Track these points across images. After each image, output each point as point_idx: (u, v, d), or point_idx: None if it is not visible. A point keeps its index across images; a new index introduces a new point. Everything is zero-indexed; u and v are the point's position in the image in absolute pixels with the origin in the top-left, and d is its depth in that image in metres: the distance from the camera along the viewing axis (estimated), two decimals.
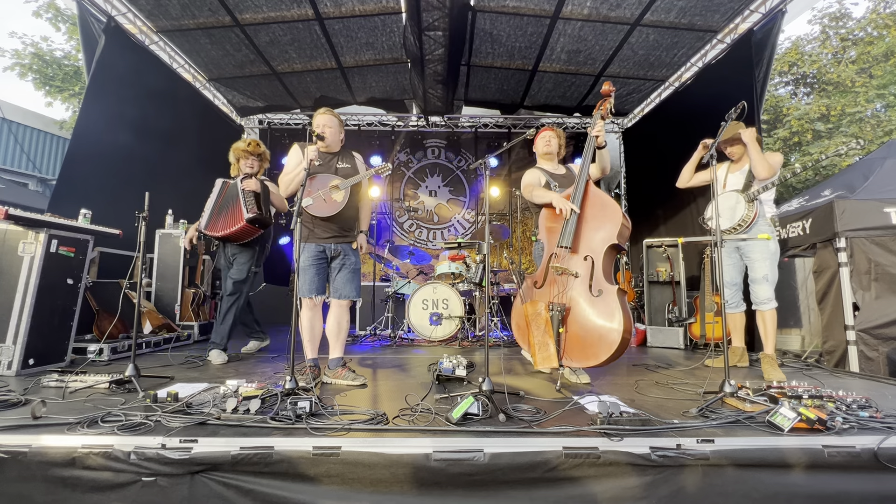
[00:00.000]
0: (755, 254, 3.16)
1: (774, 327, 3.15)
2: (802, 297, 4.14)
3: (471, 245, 4.96)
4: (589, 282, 2.54)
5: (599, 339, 2.45)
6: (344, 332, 2.87)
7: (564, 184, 3.02)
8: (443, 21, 4.35)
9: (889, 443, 1.66)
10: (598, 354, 2.45)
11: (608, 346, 2.42)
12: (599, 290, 2.50)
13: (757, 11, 4.53)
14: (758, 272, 3.14)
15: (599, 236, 2.61)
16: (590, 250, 2.61)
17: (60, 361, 3.04)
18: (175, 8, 4.62)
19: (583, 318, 2.53)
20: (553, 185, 3.04)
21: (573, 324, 2.55)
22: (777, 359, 3.17)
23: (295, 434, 1.69)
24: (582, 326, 2.52)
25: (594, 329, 2.48)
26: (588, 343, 2.49)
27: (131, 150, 4.68)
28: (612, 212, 2.62)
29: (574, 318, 2.55)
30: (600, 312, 2.47)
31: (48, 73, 10.10)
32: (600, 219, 2.64)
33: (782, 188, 9.51)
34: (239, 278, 3.56)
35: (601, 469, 1.60)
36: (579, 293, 2.56)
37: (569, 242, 2.64)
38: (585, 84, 6.13)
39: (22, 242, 2.85)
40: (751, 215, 3.11)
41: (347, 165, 2.88)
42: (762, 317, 3.18)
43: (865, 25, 10.22)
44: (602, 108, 2.82)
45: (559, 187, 3.00)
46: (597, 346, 2.46)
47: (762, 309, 3.16)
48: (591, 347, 2.47)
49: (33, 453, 1.59)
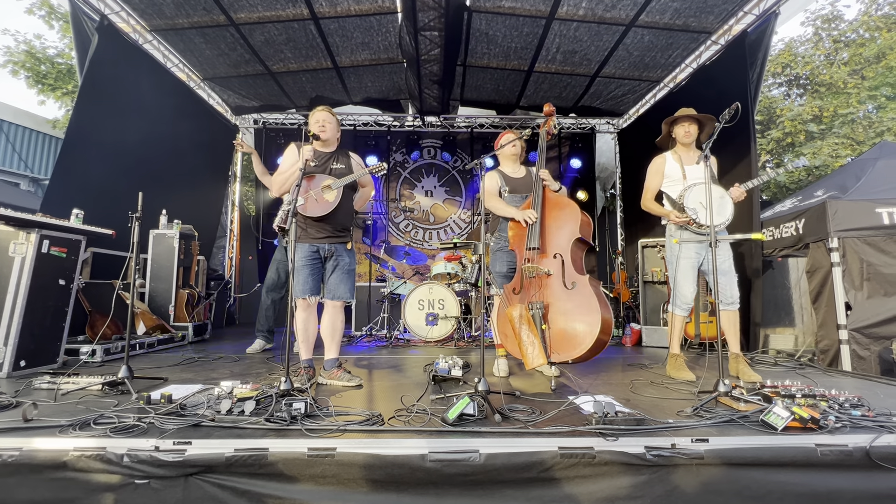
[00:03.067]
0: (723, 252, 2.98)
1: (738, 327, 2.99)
2: (796, 297, 4.17)
3: (467, 245, 4.96)
4: (562, 277, 2.69)
5: (582, 327, 2.55)
6: (339, 332, 2.86)
7: (519, 188, 3.13)
8: (438, 21, 4.35)
9: (881, 441, 1.67)
10: (583, 342, 2.53)
11: (591, 332, 2.50)
12: (573, 283, 2.63)
13: (751, 13, 4.56)
14: (726, 264, 2.96)
15: (564, 234, 2.80)
16: (558, 248, 2.78)
17: (52, 363, 3.01)
18: (169, 6, 4.58)
19: (562, 310, 2.64)
20: (504, 189, 3.13)
21: (555, 318, 2.65)
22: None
23: (290, 435, 1.68)
24: (563, 319, 2.63)
25: (575, 319, 2.59)
26: (572, 334, 2.58)
27: (125, 150, 4.64)
28: (571, 210, 2.83)
29: (554, 313, 2.66)
30: (577, 303, 2.60)
31: (41, 71, 10.00)
32: (561, 218, 2.84)
33: (775, 188, 9.58)
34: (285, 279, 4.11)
35: (596, 469, 1.61)
36: (555, 289, 2.70)
37: (537, 243, 2.81)
38: (581, 84, 6.15)
39: (13, 243, 2.82)
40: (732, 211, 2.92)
41: (342, 166, 2.85)
42: (729, 317, 2.96)
43: (857, 27, 10.31)
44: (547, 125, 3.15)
45: (510, 192, 3.13)
46: (581, 335, 2.55)
47: (733, 309, 2.95)
48: (575, 337, 2.56)
49: (24, 456, 1.58)
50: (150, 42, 5.17)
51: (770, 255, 4.22)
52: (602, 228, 7.85)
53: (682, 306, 3.07)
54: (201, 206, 6.31)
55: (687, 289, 3.04)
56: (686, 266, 3.04)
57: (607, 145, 7.90)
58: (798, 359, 3.77)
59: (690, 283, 3.04)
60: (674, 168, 3.16)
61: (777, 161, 10.15)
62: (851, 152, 8.78)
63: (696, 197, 2.94)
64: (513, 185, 3.15)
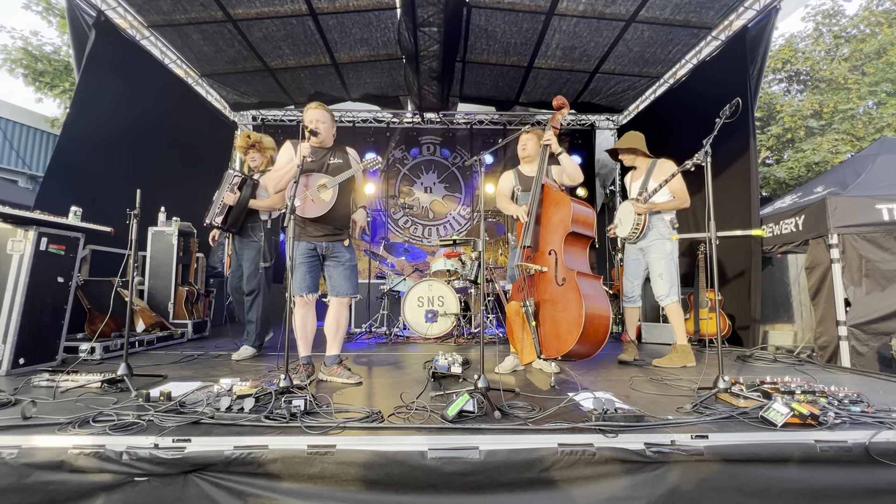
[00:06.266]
0: (652, 254, 3.42)
1: (679, 320, 3.40)
2: (795, 293, 4.17)
3: (466, 242, 4.96)
4: (554, 274, 2.68)
5: (565, 323, 2.55)
6: (342, 329, 2.86)
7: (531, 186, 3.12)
8: (437, 17, 4.33)
9: (880, 437, 1.67)
10: (567, 338, 2.51)
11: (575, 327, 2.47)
12: (563, 279, 2.63)
13: (751, 8, 4.54)
14: (654, 270, 3.42)
15: (557, 230, 2.79)
16: (552, 245, 2.77)
17: (51, 361, 3.00)
18: (166, 2, 4.56)
19: (551, 307, 2.65)
20: (517, 189, 3.21)
21: (544, 315, 2.67)
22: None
23: (289, 433, 1.68)
24: (552, 315, 2.64)
25: (560, 315, 2.59)
26: (557, 330, 2.58)
27: (122, 147, 4.62)
28: (564, 205, 2.80)
29: (545, 310, 2.67)
30: (564, 298, 2.59)
31: (38, 69, 9.94)
32: (555, 214, 2.84)
33: (775, 185, 9.56)
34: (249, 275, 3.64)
35: (596, 465, 1.61)
36: (547, 286, 2.71)
37: (528, 242, 2.83)
38: (581, 81, 6.12)
39: (11, 240, 2.81)
40: (641, 222, 3.38)
41: (340, 161, 2.84)
42: (668, 310, 3.42)
43: (858, 23, 10.28)
44: (553, 120, 3.05)
45: (523, 191, 3.16)
46: (564, 331, 2.55)
47: (662, 304, 3.43)
48: (559, 334, 2.57)
49: (23, 454, 1.57)
50: (148, 38, 5.14)
51: (769, 252, 4.22)
52: (602, 225, 7.83)
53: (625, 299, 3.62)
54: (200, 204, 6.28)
55: (625, 283, 3.61)
56: (625, 264, 3.64)
57: (607, 142, 7.88)
58: (797, 355, 3.77)
59: (627, 279, 3.60)
60: (627, 184, 3.72)
61: (777, 157, 10.13)
62: (851, 148, 8.76)
63: (618, 212, 3.65)
64: (525, 183, 3.16)
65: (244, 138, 3.71)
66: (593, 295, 2.54)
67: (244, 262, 3.66)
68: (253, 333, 3.66)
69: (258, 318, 3.67)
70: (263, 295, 3.70)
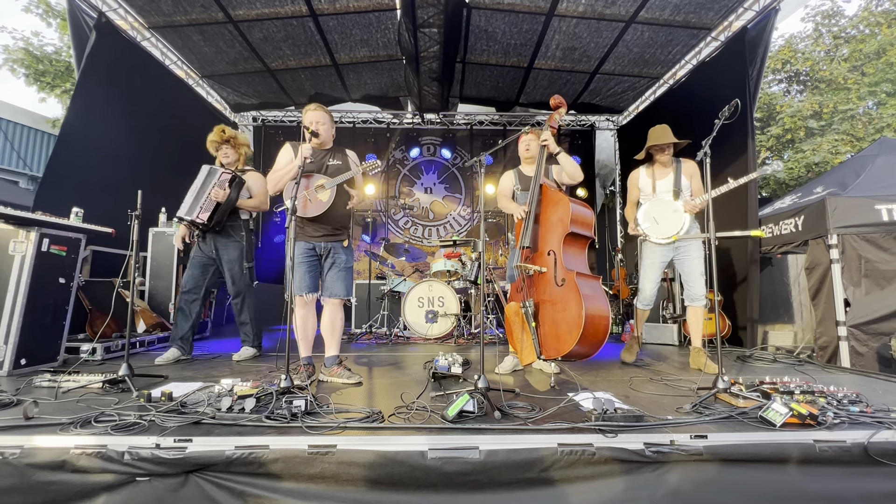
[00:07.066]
0: (693, 253, 3.26)
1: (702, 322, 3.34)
2: (795, 293, 4.18)
3: (466, 242, 4.96)
4: (554, 274, 2.68)
5: (565, 324, 2.54)
6: (338, 330, 2.86)
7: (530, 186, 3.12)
8: (438, 18, 4.34)
9: (879, 437, 1.68)
10: (567, 339, 2.50)
11: (575, 328, 2.46)
12: (562, 279, 2.62)
13: (751, 9, 4.55)
14: (695, 270, 3.26)
15: (556, 230, 2.77)
16: (552, 245, 2.76)
17: (53, 361, 3.01)
18: (167, 3, 4.57)
19: (551, 307, 2.64)
20: (517, 188, 3.21)
21: (544, 315, 2.66)
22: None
23: (290, 433, 1.69)
24: (552, 316, 2.63)
25: (560, 315, 2.58)
26: (557, 331, 2.58)
27: (123, 148, 4.63)
28: (563, 205, 2.77)
29: (544, 310, 2.67)
30: (564, 299, 2.58)
31: (39, 69, 9.96)
32: (554, 214, 2.82)
33: (775, 185, 9.57)
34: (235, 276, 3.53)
35: (596, 465, 1.61)
36: (547, 286, 2.69)
37: (527, 242, 2.82)
38: (581, 81, 6.13)
39: (13, 241, 2.82)
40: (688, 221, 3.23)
41: (339, 162, 2.85)
42: (696, 312, 3.31)
43: (858, 23, 10.28)
44: (550, 119, 3.04)
45: (521, 190, 3.17)
46: (564, 332, 2.54)
47: (697, 304, 3.29)
48: (559, 335, 2.56)
49: (25, 454, 1.58)
50: (148, 39, 5.15)
51: (769, 252, 4.22)
52: (602, 226, 7.85)
53: (643, 301, 3.43)
54: None
55: (646, 286, 3.39)
56: (647, 266, 3.40)
57: (607, 142, 7.89)
58: (797, 355, 3.78)
59: (650, 283, 3.38)
60: (646, 182, 3.45)
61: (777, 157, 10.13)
62: (851, 148, 8.76)
63: (649, 211, 3.35)
64: (525, 183, 3.17)
65: (218, 133, 3.52)
66: (593, 295, 2.54)
67: (225, 262, 3.50)
68: (251, 334, 3.64)
69: (252, 318, 3.64)
70: (251, 295, 3.67)
